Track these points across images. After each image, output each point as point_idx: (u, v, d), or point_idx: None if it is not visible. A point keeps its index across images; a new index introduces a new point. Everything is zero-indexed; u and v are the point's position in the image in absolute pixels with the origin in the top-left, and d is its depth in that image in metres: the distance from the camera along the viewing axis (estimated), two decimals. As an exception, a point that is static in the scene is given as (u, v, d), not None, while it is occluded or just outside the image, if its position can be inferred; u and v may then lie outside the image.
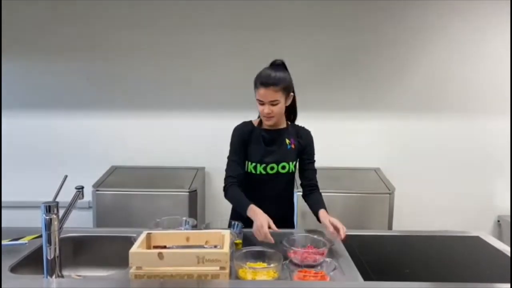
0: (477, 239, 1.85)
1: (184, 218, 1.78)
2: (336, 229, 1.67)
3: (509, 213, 3.05)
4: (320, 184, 2.04)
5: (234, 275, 1.39)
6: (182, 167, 3.08)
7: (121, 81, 3.05)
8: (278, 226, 1.67)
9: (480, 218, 3.12)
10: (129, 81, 3.05)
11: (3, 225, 1.80)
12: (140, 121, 3.10)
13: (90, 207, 2.84)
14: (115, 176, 2.95)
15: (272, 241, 1.58)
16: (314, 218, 1.86)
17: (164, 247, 1.45)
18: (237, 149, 1.86)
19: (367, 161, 3.10)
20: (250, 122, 1.91)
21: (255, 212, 1.68)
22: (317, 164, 2.24)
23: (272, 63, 1.84)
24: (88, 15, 2.96)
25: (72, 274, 1.64)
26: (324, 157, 3.07)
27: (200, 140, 3.12)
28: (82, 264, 1.71)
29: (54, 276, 1.35)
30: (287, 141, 1.88)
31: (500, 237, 3.00)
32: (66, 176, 1.50)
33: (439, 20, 2.98)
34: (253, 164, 1.85)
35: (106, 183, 2.80)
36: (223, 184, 1.89)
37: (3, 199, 3.01)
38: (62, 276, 1.38)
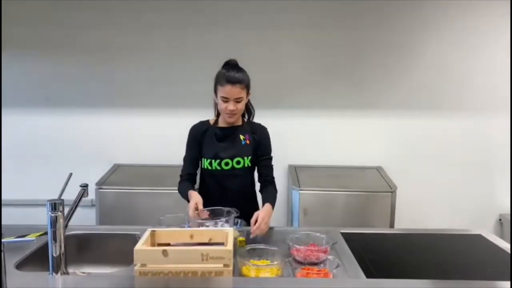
0: (479, 237, 1.85)
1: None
2: (255, 222, 1.67)
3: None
4: (322, 183, 2.05)
5: (237, 272, 1.40)
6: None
7: (124, 80, 3.06)
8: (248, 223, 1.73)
9: (482, 216, 3.13)
10: (132, 80, 3.06)
11: (7, 222, 1.81)
12: (143, 119, 3.11)
13: (93, 205, 2.86)
14: (118, 174, 2.96)
15: (197, 219, 1.64)
16: (316, 216, 1.88)
17: (168, 244, 1.46)
18: (189, 148, 1.96)
19: (369, 159, 3.11)
20: (207, 121, 1.98)
21: (190, 196, 1.77)
22: (319, 163, 2.30)
23: (228, 62, 1.89)
24: (92, 14, 2.97)
25: (77, 271, 1.66)
26: (326, 155, 3.11)
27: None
28: (87, 261, 1.73)
29: (59, 273, 1.36)
30: (242, 137, 1.92)
31: (501, 236, 3.00)
32: (71, 174, 1.51)
33: (440, 19, 2.98)
34: (208, 160, 1.90)
35: (109, 181, 2.81)
36: None
37: (8, 197, 3.03)
38: (67, 273, 1.39)
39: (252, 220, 1.68)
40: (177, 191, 1.94)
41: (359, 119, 3.10)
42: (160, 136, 3.14)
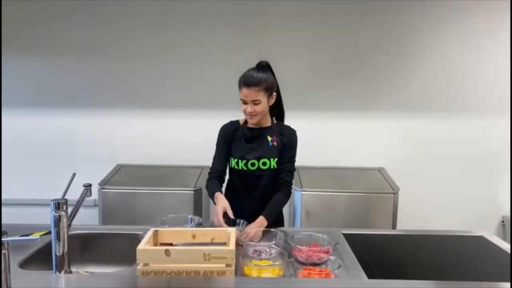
0: (481, 238, 1.85)
1: (190, 216, 1.80)
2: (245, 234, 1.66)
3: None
4: (325, 184, 2.05)
5: (239, 272, 1.41)
6: (188, 166, 3.10)
7: (127, 80, 3.08)
8: (269, 225, 1.75)
9: (485, 218, 3.12)
10: (135, 80, 3.08)
11: (12, 222, 1.82)
12: (146, 120, 3.13)
13: (95, 205, 2.86)
14: (121, 174, 2.97)
15: (224, 226, 1.65)
16: (318, 216, 1.89)
17: (171, 244, 1.47)
18: (219, 147, 1.99)
19: (371, 160, 3.11)
20: (237, 121, 2.01)
21: (217, 199, 1.81)
22: (321, 164, 2.29)
23: (258, 64, 1.92)
24: (97, 14, 2.98)
25: (80, 270, 1.67)
26: (328, 156, 3.11)
27: (205, 139, 3.12)
28: (90, 260, 1.74)
29: (62, 272, 1.37)
30: (269, 138, 1.94)
31: (504, 238, 3.00)
32: (74, 174, 1.52)
33: (445, 20, 2.98)
34: (235, 160, 1.93)
35: (112, 181, 2.82)
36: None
37: (11, 197, 3.05)
38: (71, 272, 1.40)
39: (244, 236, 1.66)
40: (179, 191, 1.97)
41: (361, 120, 3.10)
42: (163, 137, 3.15)
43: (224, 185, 2.01)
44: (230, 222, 1.74)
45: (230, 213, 1.74)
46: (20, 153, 3.12)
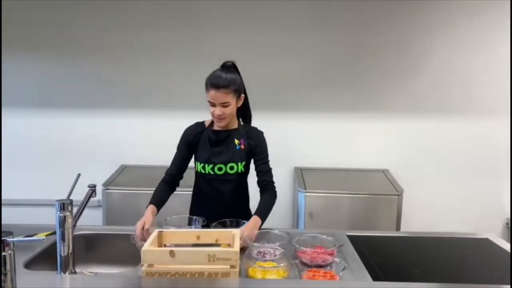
0: (486, 241, 1.84)
1: (194, 217, 1.80)
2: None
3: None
4: (328, 185, 2.05)
5: (244, 273, 1.41)
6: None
7: (131, 81, 3.08)
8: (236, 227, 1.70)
9: (489, 220, 3.10)
10: (140, 81, 3.08)
11: (17, 222, 1.83)
12: (150, 121, 3.13)
13: (99, 206, 2.87)
14: (125, 175, 2.97)
15: (140, 244, 1.54)
16: (322, 218, 1.87)
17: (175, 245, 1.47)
18: (179, 149, 1.94)
19: (375, 162, 3.10)
20: (202, 123, 1.94)
21: (146, 211, 1.78)
22: (325, 165, 2.30)
23: (223, 64, 1.85)
24: (101, 16, 2.99)
25: (85, 270, 1.67)
26: (332, 158, 3.11)
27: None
28: (95, 261, 1.74)
29: (67, 272, 1.37)
30: (236, 141, 1.87)
31: (509, 240, 2.98)
32: (79, 175, 1.52)
33: (450, 21, 2.98)
34: (201, 164, 1.87)
35: (115, 182, 2.83)
36: None
37: (17, 197, 3.06)
38: (75, 273, 1.41)
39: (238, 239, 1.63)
40: (183, 192, 1.96)
41: (365, 121, 3.10)
42: (167, 138, 3.12)
43: (190, 190, 1.97)
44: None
45: (147, 228, 1.65)
46: (24, 153, 3.13)
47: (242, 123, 1.95)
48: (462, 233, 1.94)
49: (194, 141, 1.89)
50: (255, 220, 1.72)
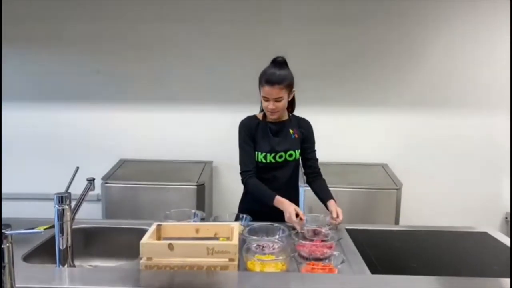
0: (484, 234, 1.85)
1: (193, 211, 1.80)
2: (336, 218, 1.82)
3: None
4: (327, 179, 2.06)
5: (243, 266, 1.41)
6: (190, 161, 3.11)
7: (131, 75, 3.07)
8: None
9: (488, 215, 3.11)
10: (138, 75, 3.07)
11: (16, 216, 1.83)
12: (149, 115, 3.13)
13: (98, 200, 2.88)
14: (124, 169, 2.97)
15: (303, 228, 1.71)
16: (321, 212, 1.88)
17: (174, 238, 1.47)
18: (247, 143, 1.97)
19: (374, 156, 3.10)
20: (254, 116, 2.03)
21: (282, 203, 1.83)
22: (324, 159, 2.25)
23: (274, 60, 1.92)
24: (100, 9, 2.98)
25: (84, 264, 1.67)
26: (332, 152, 3.10)
27: (208, 134, 3.14)
28: (93, 254, 1.74)
29: (66, 265, 1.37)
30: (291, 131, 2.00)
31: (508, 234, 2.98)
32: (77, 168, 1.52)
33: (449, 17, 2.96)
34: (263, 154, 1.95)
35: (114, 176, 2.83)
36: (231, 178, 1.94)
37: (16, 191, 3.06)
38: (74, 266, 1.41)
39: (334, 215, 1.83)
40: (182, 186, 1.97)
41: (364, 116, 3.09)
42: (166, 132, 3.15)
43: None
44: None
45: (302, 215, 1.77)
46: (23, 147, 3.13)
47: (290, 114, 2.05)
48: (460, 227, 1.95)
49: (254, 134, 1.98)
50: (334, 202, 1.90)
